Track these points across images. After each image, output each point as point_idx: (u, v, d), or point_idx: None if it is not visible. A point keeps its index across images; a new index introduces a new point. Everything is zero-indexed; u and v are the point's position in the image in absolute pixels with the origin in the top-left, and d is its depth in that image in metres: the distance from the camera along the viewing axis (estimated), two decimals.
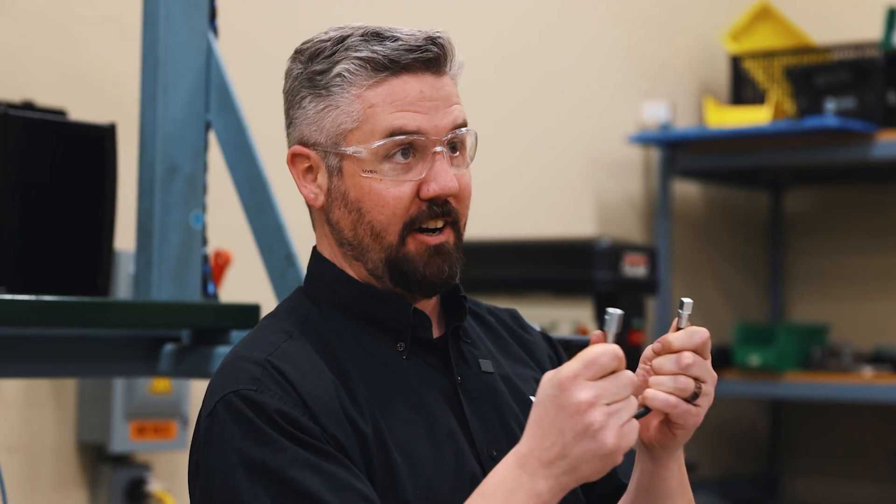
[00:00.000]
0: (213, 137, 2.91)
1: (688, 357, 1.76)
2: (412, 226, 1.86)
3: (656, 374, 1.77)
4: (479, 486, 1.69)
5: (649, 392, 1.76)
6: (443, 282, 1.88)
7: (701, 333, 1.78)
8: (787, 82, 5.77)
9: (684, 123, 6.06)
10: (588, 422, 1.60)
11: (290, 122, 1.93)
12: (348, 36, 1.88)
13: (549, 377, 1.63)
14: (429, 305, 1.93)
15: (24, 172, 2.68)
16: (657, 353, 1.78)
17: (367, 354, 1.86)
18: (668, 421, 1.79)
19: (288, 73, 1.93)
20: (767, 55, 5.94)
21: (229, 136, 2.86)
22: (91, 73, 4.09)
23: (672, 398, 1.75)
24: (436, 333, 1.92)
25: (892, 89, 5.49)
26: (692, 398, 1.77)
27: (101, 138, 2.79)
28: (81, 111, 3.67)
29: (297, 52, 1.92)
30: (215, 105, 2.87)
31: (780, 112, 5.64)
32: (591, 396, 1.60)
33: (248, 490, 1.71)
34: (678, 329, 1.79)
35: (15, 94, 3.69)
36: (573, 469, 1.62)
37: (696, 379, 1.77)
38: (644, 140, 5.78)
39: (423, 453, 1.81)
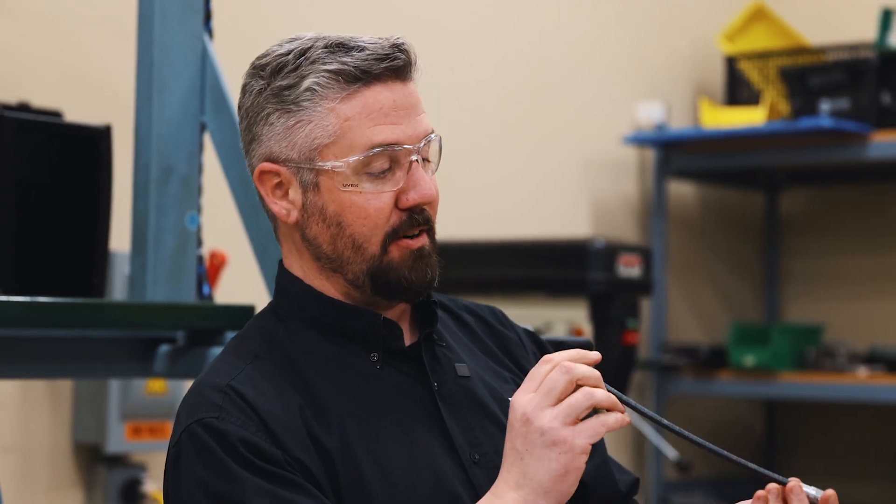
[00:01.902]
0: (207, 139, 2.91)
1: None
2: (395, 236, 1.85)
3: None
4: None
5: None
6: (426, 285, 1.88)
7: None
8: (782, 83, 5.78)
9: (679, 124, 6.06)
10: (525, 434, 1.71)
11: (252, 139, 1.90)
12: (309, 48, 1.86)
13: (516, 405, 1.73)
14: (399, 313, 1.92)
15: (19, 174, 2.69)
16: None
17: (340, 368, 1.86)
18: None
19: (248, 90, 1.90)
20: (762, 56, 5.95)
21: (224, 138, 2.86)
22: (89, 74, 4.10)
23: None
24: (408, 341, 1.92)
25: (886, 90, 5.50)
26: None
27: (97, 139, 2.79)
28: (79, 112, 3.68)
29: (256, 67, 1.90)
30: (210, 106, 2.87)
31: (774, 113, 5.65)
32: (528, 411, 1.71)
33: None
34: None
35: (12, 95, 3.70)
36: (538, 485, 1.70)
37: None
38: (639, 141, 5.79)
39: (399, 463, 1.80)
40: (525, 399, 1.72)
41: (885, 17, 5.57)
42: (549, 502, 1.70)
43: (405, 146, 1.84)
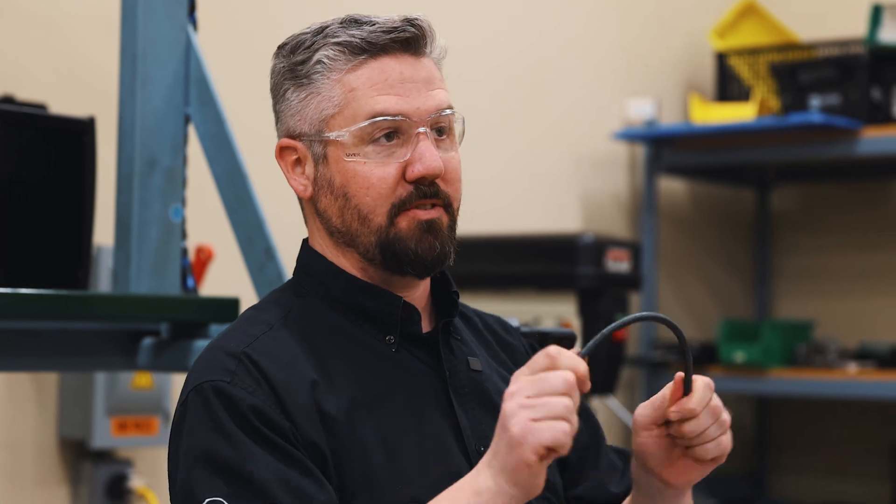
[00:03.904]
0: (192, 131, 2.90)
1: (717, 405, 1.82)
2: (402, 207, 1.84)
3: (698, 432, 1.79)
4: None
5: (701, 449, 1.81)
6: (434, 259, 1.86)
7: (710, 385, 1.82)
8: (772, 79, 5.77)
9: (669, 120, 6.05)
10: (503, 412, 1.62)
11: (277, 118, 1.92)
12: (328, 26, 1.88)
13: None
14: (420, 300, 1.92)
15: (2, 166, 2.67)
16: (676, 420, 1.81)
17: (355, 347, 1.86)
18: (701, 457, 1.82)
19: (272, 70, 1.92)
20: (753, 52, 5.94)
21: (208, 130, 2.85)
22: (74, 67, 4.08)
23: (724, 439, 1.83)
24: (425, 328, 1.92)
25: (876, 86, 5.50)
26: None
27: (81, 132, 2.78)
28: (64, 105, 3.66)
29: (280, 47, 1.92)
30: (195, 98, 2.86)
31: (765, 108, 5.64)
32: (513, 389, 1.62)
33: (208, 483, 1.71)
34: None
35: None
36: (501, 466, 1.63)
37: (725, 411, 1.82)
38: (629, 137, 5.78)
39: (406, 444, 1.80)
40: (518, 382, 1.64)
41: (876, 12, 5.57)
42: (515, 490, 1.63)
43: (409, 118, 1.84)
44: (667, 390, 1.82)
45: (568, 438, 1.60)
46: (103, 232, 3.12)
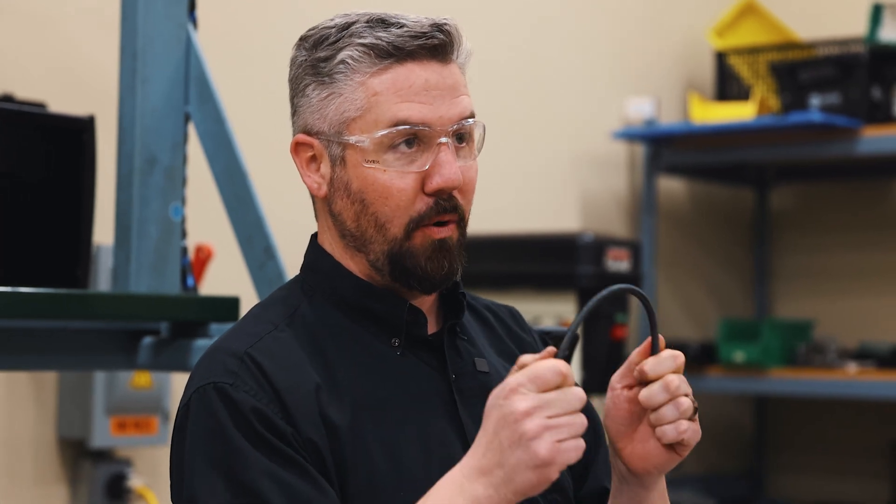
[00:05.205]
0: (192, 129, 2.90)
1: (674, 380, 1.76)
2: (420, 222, 1.82)
3: (651, 407, 1.76)
4: (427, 492, 1.68)
5: (659, 430, 1.76)
6: (442, 278, 1.85)
7: (676, 356, 1.79)
8: (772, 78, 5.76)
9: (669, 119, 6.05)
10: (522, 430, 1.59)
11: (294, 111, 1.89)
12: (353, 22, 1.84)
13: (497, 387, 1.63)
14: (427, 301, 1.90)
15: (2, 164, 2.67)
16: (633, 384, 1.79)
17: (360, 349, 1.84)
18: (672, 444, 1.78)
19: (293, 61, 1.89)
20: (752, 51, 5.94)
21: (208, 128, 2.84)
22: (74, 65, 4.08)
23: (682, 423, 1.76)
24: (432, 329, 1.90)
25: (876, 85, 5.49)
26: (693, 414, 1.77)
27: (80, 130, 2.78)
28: (64, 103, 3.66)
29: (302, 38, 1.89)
30: (194, 97, 2.86)
31: (764, 108, 5.63)
32: (529, 406, 1.59)
33: (210, 487, 1.70)
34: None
35: None
36: (509, 479, 1.61)
37: (686, 395, 1.77)
38: (629, 136, 5.78)
39: (410, 450, 1.79)
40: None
41: (876, 11, 5.56)
42: (516, 498, 1.62)
43: (432, 127, 1.82)
44: (637, 351, 1.81)
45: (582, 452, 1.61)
46: (103, 231, 3.12)
